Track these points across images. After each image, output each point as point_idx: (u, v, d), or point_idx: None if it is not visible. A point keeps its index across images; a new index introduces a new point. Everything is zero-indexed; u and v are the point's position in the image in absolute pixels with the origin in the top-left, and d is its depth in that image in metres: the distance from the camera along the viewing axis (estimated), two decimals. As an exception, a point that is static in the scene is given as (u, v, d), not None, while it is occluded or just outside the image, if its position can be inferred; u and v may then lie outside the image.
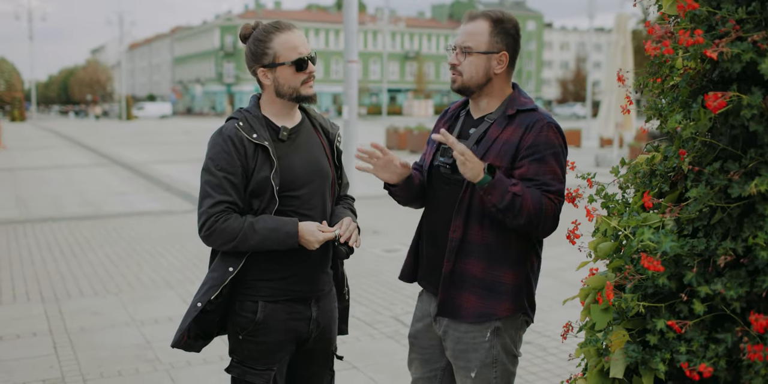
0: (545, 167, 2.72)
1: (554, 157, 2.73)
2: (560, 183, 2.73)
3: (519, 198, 2.62)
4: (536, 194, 2.66)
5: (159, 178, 17.79)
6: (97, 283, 7.47)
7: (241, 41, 2.92)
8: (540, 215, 2.66)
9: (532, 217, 2.65)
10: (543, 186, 2.70)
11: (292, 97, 2.88)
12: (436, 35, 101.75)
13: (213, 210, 2.74)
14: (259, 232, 2.73)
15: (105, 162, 22.81)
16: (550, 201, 2.68)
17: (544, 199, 2.67)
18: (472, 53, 2.79)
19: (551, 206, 2.68)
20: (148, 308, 6.59)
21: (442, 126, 3.00)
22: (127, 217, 11.84)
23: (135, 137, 37.67)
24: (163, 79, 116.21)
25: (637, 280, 2.11)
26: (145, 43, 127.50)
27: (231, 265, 2.80)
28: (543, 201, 2.66)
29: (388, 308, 6.58)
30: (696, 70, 2.17)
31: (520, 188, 2.64)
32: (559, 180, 2.73)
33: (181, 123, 60.95)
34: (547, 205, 2.67)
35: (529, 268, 2.84)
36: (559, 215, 2.74)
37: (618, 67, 19.24)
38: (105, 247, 9.33)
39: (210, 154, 2.81)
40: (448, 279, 2.82)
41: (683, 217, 2.08)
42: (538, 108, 2.82)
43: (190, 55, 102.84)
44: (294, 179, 2.85)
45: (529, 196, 2.64)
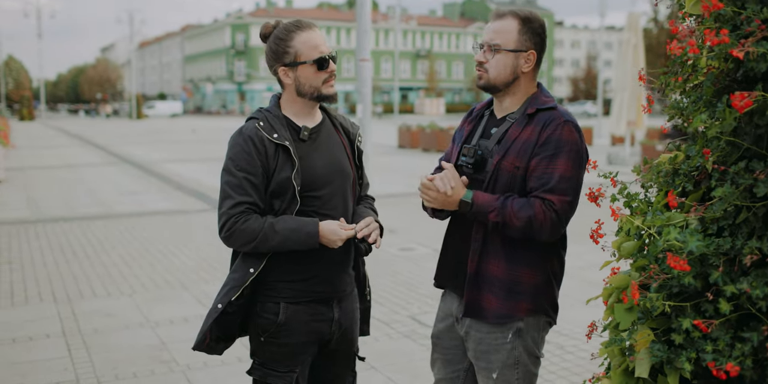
0: (553, 166, 2.69)
1: (566, 155, 2.70)
2: (566, 183, 2.68)
3: (498, 224, 2.67)
4: (522, 210, 2.65)
5: (170, 176, 17.84)
6: (110, 284, 7.48)
7: (262, 40, 2.91)
8: (530, 228, 2.66)
9: (521, 233, 2.68)
10: (542, 187, 2.68)
11: (313, 96, 2.87)
12: (448, 34, 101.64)
13: (233, 211, 2.74)
14: (280, 233, 2.73)
15: (115, 161, 22.88)
16: (543, 211, 2.65)
17: (534, 210, 2.64)
18: (500, 51, 2.78)
19: (543, 216, 2.64)
20: (162, 309, 6.60)
21: (466, 126, 3.00)
22: (139, 216, 11.88)
23: (145, 136, 37.76)
24: (174, 78, 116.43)
25: (662, 279, 2.10)
26: (156, 42, 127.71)
27: (252, 266, 2.79)
28: (531, 214, 2.64)
29: (405, 307, 6.58)
30: (720, 69, 2.16)
31: (497, 214, 2.66)
32: (566, 180, 2.68)
33: (191, 122, 61.03)
34: (537, 217, 2.64)
35: (550, 268, 2.83)
36: (563, 217, 2.70)
37: (629, 65, 19.20)
38: (118, 247, 9.36)
39: (230, 154, 2.81)
40: (472, 280, 2.82)
41: (708, 217, 2.07)
42: (557, 106, 2.81)
43: (201, 53, 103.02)
44: (315, 179, 2.84)
45: (512, 216, 2.65)
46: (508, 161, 2.73)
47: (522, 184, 2.74)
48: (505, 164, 2.74)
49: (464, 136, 2.97)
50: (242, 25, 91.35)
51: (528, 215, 2.64)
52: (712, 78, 2.17)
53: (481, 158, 2.81)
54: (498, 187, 2.75)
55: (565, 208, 2.69)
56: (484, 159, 2.81)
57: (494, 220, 2.67)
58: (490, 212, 2.67)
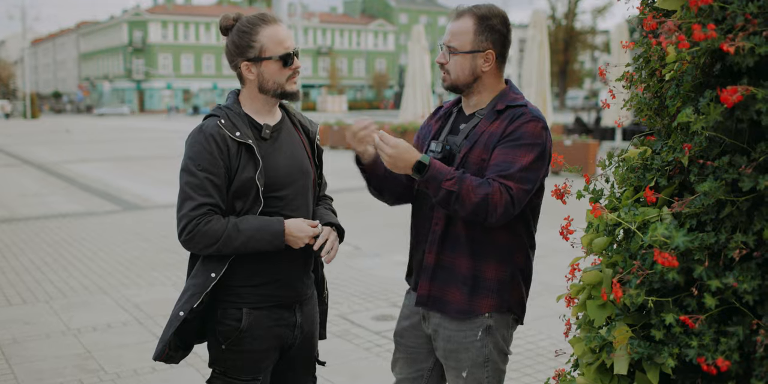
0: (512, 155, 2.63)
1: (528, 148, 2.64)
2: (525, 173, 2.62)
3: (453, 194, 2.54)
4: (480, 187, 2.55)
5: (75, 178, 17.22)
6: (24, 291, 7.13)
7: (222, 33, 2.79)
8: (484, 207, 2.55)
9: (473, 210, 2.56)
10: (500, 173, 2.60)
11: (276, 93, 2.77)
12: (349, 31, 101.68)
13: (194, 213, 2.61)
14: (244, 233, 2.62)
15: (16, 162, 21.95)
16: (500, 191, 2.55)
17: (491, 188, 2.55)
18: (457, 53, 2.75)
19: (499, 196, 2.55)
20: (83, 315, 6.33)
21: (433, 123, 2.96)
22: (46, 219, 11.39)
23: (45, 135, 36.39)
24: (69, 76, 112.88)
25: (644, 275, 2.09)
26: (50, 39, 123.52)
27: (213, 270, 2.67)
28: (489, 192, 2.54)
29: (334, 308, 6.46)
30: (694, 64, 2.16)
31: (455, 183, 2.54)
32: (526, 170, 2.62)
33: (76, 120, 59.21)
34: (494, 196, 2.54)
35: (516, 264, 2.79)
36: (517, 204, 2.61)
37: (535, 62, 19.57)
38: (27, 252, 8.94)
39: (190, 154, 2.67)
40: (430, 271, 2.78)
41: (689, 211, 2.07)
42: (528, 104, 2.78)
43: (98, 51, 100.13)
44: (278, 179, 2.74)
45: (469, 189, 2.54)
46: (475, 154, 2.70)
47: None
48: (472, 157, 2.71)
49: (432, 132, 2.93)
50: (140, 21, 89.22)
51: (485, 192, 2.54)
52: (691, 72, 2.17)
53: (449, 153, 2.76)
54: None
55: (520, 196, 2.61)
56: (452, 154, 2.77)
57: (449, 188, 2.54)
58: (448, 180, 2.55)
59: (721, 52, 2.01)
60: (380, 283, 7.28)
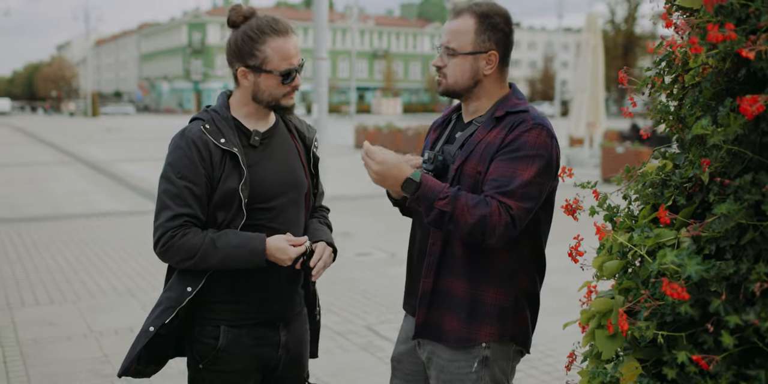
0: (511, 169, 2.38)
1: (529, 160, 2.39)
2: (526, 188, 2.37)
3: (446, 214, 2.31)
4: (477, 207, 2.31)
5: (123, 177, 17.34)
6: (54, 290, 7.10)
7: (229, 26, 2.59)
8: (482, 228, 2.31)
9: (469, 231, 2.32)
10: (498, 189, 2.35)
11: (270, 105, 2.60)
12: (405, 34, 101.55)
13: (170, 224, 2.44)
14: (221, 250, 2.43)
15: (69, 160, 22.26)
16: (498, 211, 2.31)
17: (489, 209, 2.30)
18: (456, 55, 2.51)
19: (498, 217, 2.30)
20: (107, 318, 6.24)
21: (432, 133, 2.75)
22: (89, 218, 11.44)
23: (101, 134, 36.96)
24: (130, 76, 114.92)
25: (654, 306, 1.86)
26: (112, 40, 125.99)
27: (189, 284, 2.50)
28: (486, 213, 2.30)
29: (361, 317, 6.29)
30: (718, 69, 1.93)
31: (448, 202, 2.31)
32: (527, 186, 2.37)
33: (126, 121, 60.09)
34: (492, 217, 2.30)
35: (520, 288, 2.55)
36: (519, 224, 2.36)
37: (589, 66, 19.16)
38: (64, 250, 8.94)
39: (170, 159, 2.50)
40: (427, 298, 2.55)
41: (706, 236, 1.83)
42: (530, 109, 2.53)
43: (158, 51, 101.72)
44: (265, 191, 2.55)
45: (464, 209, 2.30)
46: (470, 166, 2.46)
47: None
48: (466, 169, 2.47)
49: (430, 142, 2.72)
50: (199, 23, 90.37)
51: (482, 213, 2.29)
52: (712, 79, 1.93)
53: (442, 164, 2.54)
54: None
55: (521, 215, 2.36)
56: (445, 165, 2.54)
57: (443, 208, 2.30)
58: (441, 199, 2.31)
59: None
60: (412, 292, 7.06)
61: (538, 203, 2.43)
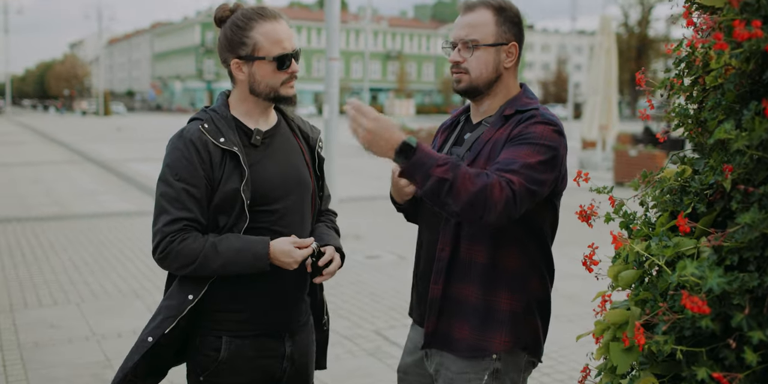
0: (515, 153, 2.25)
1: (534, 147, 2.27)
2: (530, 171, 2.22)
3: (445, 183, 2.07)
4: (478, 176, 2.12)
5: (133, 176, 17.28)
6: (57, 292, 7.02)
7: (216, 25, 2.52)
8: (483, 199, 2.09)
9: (469, 201, 2.09)
10: (500, 168, 2.21)
11: (269, 96, 2.48)
12: (418, 35, 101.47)
13: (169, 228, 2.34)
14: (223, 255, 2.33)
15: (78, 159, 22.24)
16: (500, 184, 2.13)
17: (491, 180, 2.12)
18: (479, 47, 2.41)
19: (500, 190, 2.11)
20: (111, 320, 6.15)
21: (439, 135, 2.66)
22: (97, 218, 11.37)
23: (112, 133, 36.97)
24: (143, 75, 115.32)
25: (672, 320, 1.76)
26: (125, 39, 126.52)
27: (191, 292, 2.40)
28: (488, 182, 2.11)
29: (370, 321, 6.18)
30: (741, 70, 1.83)
31: (448, 169, 2.08)
32: (531, 169, 2.22)
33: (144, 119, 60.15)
34: (494, 189, 2.10)
35: (531, 293, 2.45)
36: (519, 201, 2.17)
37: (602, 69, 19.02)
38: (70, 250, 8.88)
39: (168, 161, 2.40)
40: (436, 305, 2.45)
41: (728, 246, 1.73)
42: (540, 107, 2.43)
43: (171, 51, 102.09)
44: (268, 191, 2.45)
45: (465, 177, 2.09)
46: (479, 166, 2.35)
47: None
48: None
49: (438, 145, 2.62)
50: (212, 23, 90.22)
51: (485, 183, 2.10)
52: (735, 80, 1.83)
53: None
54: None
55: (523, 194, 2.18)
56: None
57: (442, 176, 2.06)
58: (440, 165, 2.08)
59: (770, 56, 1.66)
60: (421, 296, 6.96)
61: (542, 191, 2.28)
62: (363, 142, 2.14)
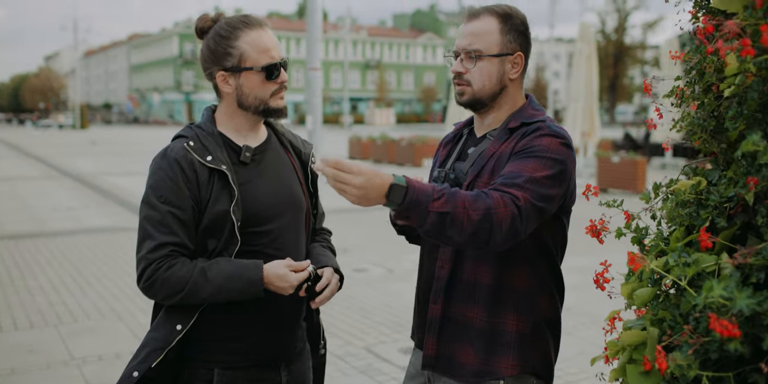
0: (520, 166, 2.13)
1: (540, 161, 2.14)
2: (536, 186, 2.09)
3: (446, 217, 1.92)
4: (477, 201, 1.97)
5: (111, 190, 17.01)
6: (34, 314, 6.77)
7: (197, 36, 2.39)
8: (488, 226, 1.96)
9: (473, 232, 1.96)
10: (502, 183, 2.07)
11: (258, 109, 2.34)
12: (398, 44, 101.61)
13: (155, 255, 2.19)
14: (213, 281, 2.18)
15: (55, 174, 21.92)
16: (503, 202, 1.99)
17: (492, 200, 1.98)
18: (483, 57, 2.29)
19: (504, 209, 1.98)
20: (91, 343, 5.94)
21: (442, 149, 2.53)
22: (74, 234, 11.10)
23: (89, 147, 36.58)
24: (120, 87, 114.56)
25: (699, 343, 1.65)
26: (101, 51, 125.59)
27: (179, 322, 2.24)
28: (490, 205, 1.97)
29: (360, 338, 6.04)
30: (761, 77, 1.72)
31: (445, 202, 1.92)
32: (537, 183, 2.09)
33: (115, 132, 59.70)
34: (497, 210, 1.97)
35: (540, 312, 2.32)
36: (525, 219, 2.04)
37: (583, 76, 19.04)
38: (47, 270, 8.63)
39: (151, 182, 2.26)
40: (436, 326, 2.32)
41: (755, 262, 1.62)
42: (547, 119, 2.31)
43: (148, 62, 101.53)
44: (260, 212, 2.31)
45: (465, 206, 1.94)
46: (483, 181, 2.24)
47: None
48: (479, 185, 2.24)
49: (440, 160, 2.49)
50: (190, 34, 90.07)
51: (486, 206, 1.96)
52: (758, 88, 1.72)
53: (453, 183, 2.31)
54: None
55: (529, 211, 2.04)
56: (457, 183, 2.31)
57: (440, 210, 1.90)
58: (436, 199, 1.91)
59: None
60: (410, 310, 6.79)
61: (550, 207, 2.15)
62: (354, 201, 1.94)
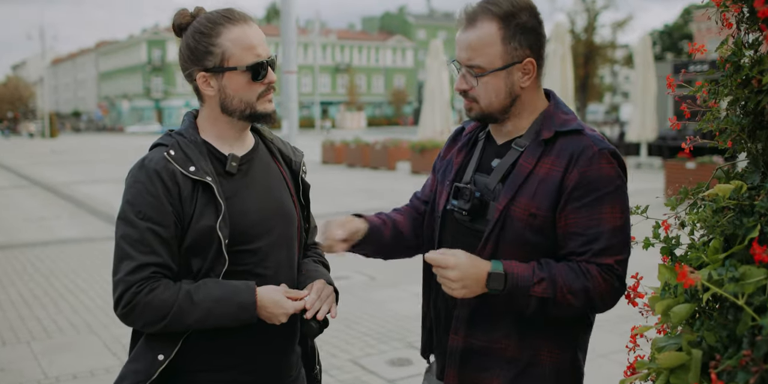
0: (598, 216, 1.96)
1: (610, 199, 1.98)
2: (619, 236, 1.98)
3: (548, 301, 1.93)
4: (576, 281, 1.94)
5: (83, 200, 16.62)
6: (5, 330, 6.48)
7: (175, 34, 2.13)
8: (589, 304, 1.98)
9: (574, 310, 1.99)
10: (592, 248, 1.96)
11: (244, 114, 2.11)
12: (367, 47, 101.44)
13: (134, 277, 1.95)
14: (201, 305, 1.96)
15: (25, 183, 21.47)
16: (601, 278, 1.95)
17: (590, 281, 1.94)
18: (485, 74, 2.02)
19: (605, 286, 1.96)
20: (65, 360, 5.67)
21: (455, 155, 2.25)
22: (45, 246, 10.76)
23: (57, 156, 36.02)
24: (89, 95, 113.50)
25: (762, 370, 1.45)
26: (69, 58, 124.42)
27: (161, 351, 2.01)
28: (589, 287, 1.94)
29: (344, 350, 5.79)
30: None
31: (547, 287, 1.92)
32: (618, 232, 1.98)
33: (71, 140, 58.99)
34: (598, 287, 1.95)
35: (577, 343, 2.11)
36: (624, 280, 2.01)
37: (558, 75, 18.94)
38: (17, 283, 8.30)
39: (128, 197, 2.02)
40: (457, 357, 2.09)
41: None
42: (584, 128, 2.06)
43: (117, 70, 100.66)
44: (248, 228, 2.08)
45: (564, 291, 1.93)
46: (520, 206, 2.00)
47: (539, 238, 2.00)
48: (515, 210, 2.00)
49: (454, 169, 2.21)
50: (159, 40, 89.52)
51: (584, 287, 1.94)
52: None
53: (480, 202, 2.06)
54: (504, 240, 2.01)
55: (625, 269, 2.01)
56: (484, 203, 2.06)
57: (542, 295, 1.91)
58: (536, 284, 1.91)
59: None
60: (396, 319, 6.59)
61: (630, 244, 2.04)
62: (464, 295, 1.94)
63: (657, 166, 21.69)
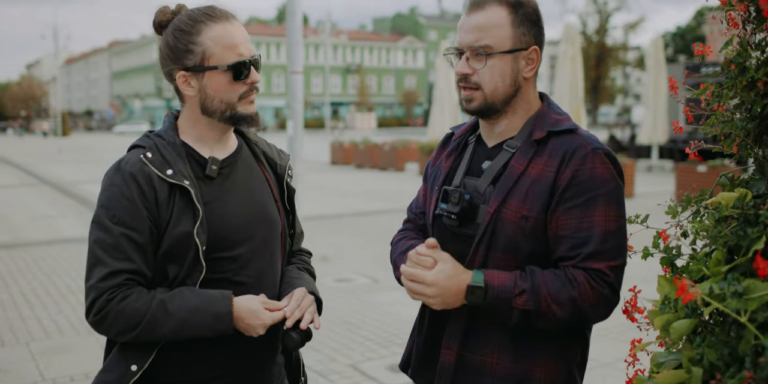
0: (589, 219, 1.87)
1: (605, 199, 1.89)
2: (612, 240, 1.89)
3: (530, 313, 1.85)
4: (562, 291, 1.85)
5: (89, 198, 16.59)
6: (5, 331, 6.43)
7: (156, 31, 2.06)
8: (577, 315, 1.88)
9: (563, 323, 1.90)
10: (581, 252, 1.87)
11: (225, 115, 2.03)
12: (378, 48, 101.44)
13: (106, 284, 1.88)
14: (175, 315, 1.88)
15: (34, 182, 21.49)
16: (589, 286, 1.85)
17: (576, 289, 1.85)
18: (493, 55, 1.94)
19: (593, 294, 1.86)
20: (63, 361, 5.60)
21: (444, 159, 2.16)
22: (50, 245, 10.73)
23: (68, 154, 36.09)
24: (101, 94, 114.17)
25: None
26: (82, 58, 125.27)
27: (134, 361, 1.94)
28: (575, 296, 1.85)
29: (344, 354, 5.71)
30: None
31: (528, 298, 1.84)
32: (612, 236, 1.88)
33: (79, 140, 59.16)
34: (586, 296, 1.85)
35: (573, 359, 2.02)
36: (618, 288, 1.92)
37: (568, 77, 18.82)
38: (21, 282, 8.26)
39: (102, 200, 1.94)
40: (449, 373, 2.00)
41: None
42: (577, 128, 1.98)
43: (129, 69, 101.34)
44: (228, 234, 2.00)
45: (548, 301, 1.84)
46: (511, 208, 1.91)
47: (531, 242, 1.92)
48: (506, 213, 1.91)
49: (443, 174, 2.13)
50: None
51: (571, 297, 1.84)
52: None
53: (469, 205, 1.97)
54: (496, 246, 1.93)
55: (618, 277, 1.90)
56: (473, 206, 1.98)
57: (524, 307, 1.83)
58: (517, 295, 1.83)
59: None
60: (398, 323, 6.50)
61: (626, 251, 1.94)
62: (437, 307, 1.92)
63: (668, 168, 21.56)
